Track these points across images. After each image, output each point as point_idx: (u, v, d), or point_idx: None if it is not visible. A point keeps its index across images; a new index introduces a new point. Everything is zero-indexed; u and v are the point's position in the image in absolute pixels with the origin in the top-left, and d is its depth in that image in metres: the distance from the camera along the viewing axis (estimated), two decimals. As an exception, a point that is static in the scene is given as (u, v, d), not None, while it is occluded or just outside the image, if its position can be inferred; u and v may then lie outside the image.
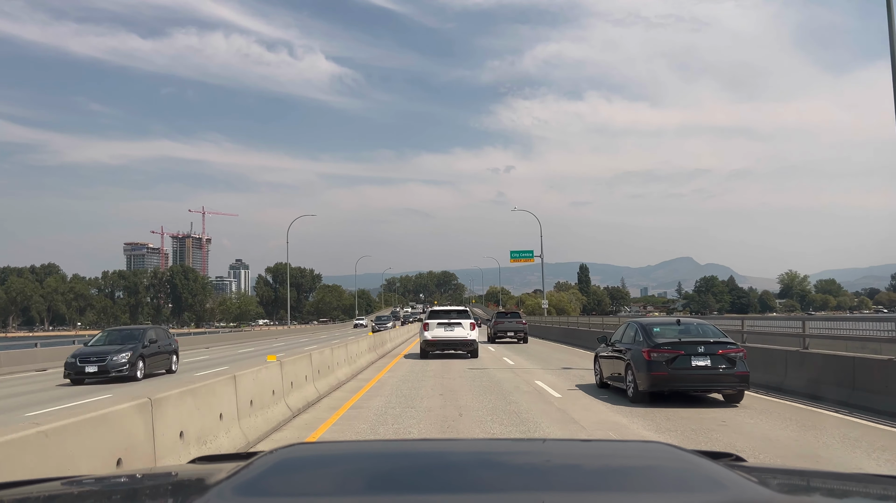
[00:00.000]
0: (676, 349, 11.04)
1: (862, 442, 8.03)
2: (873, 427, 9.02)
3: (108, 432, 4.60)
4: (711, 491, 1.62)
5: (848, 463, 6.97)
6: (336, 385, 14.00)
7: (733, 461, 2.08)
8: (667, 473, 1.80)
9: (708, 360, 10.96)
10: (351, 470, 1.82)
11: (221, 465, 1.97)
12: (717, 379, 10.98)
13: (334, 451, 2.16)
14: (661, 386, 11.08)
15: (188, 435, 6.06)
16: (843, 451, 7.55)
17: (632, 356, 11.68)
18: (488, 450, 2.31)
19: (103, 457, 4.46)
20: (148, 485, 2.03)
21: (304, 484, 1.73)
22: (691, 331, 11.94)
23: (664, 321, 13.11)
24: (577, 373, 16.47)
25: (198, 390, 6.54)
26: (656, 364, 11.03)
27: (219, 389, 7.17)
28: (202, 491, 1.66)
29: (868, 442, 8.02)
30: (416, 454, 2.10)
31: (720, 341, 11.28)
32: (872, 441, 8.08)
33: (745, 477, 1.73)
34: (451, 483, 1.71)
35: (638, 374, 11.31)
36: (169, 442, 5.62)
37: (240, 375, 8.07)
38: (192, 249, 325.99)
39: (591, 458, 2.03)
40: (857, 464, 6.93)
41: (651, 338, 11.47)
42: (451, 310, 23.52)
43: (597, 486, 1.71)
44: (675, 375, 10.92)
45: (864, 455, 7.34)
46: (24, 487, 1.85)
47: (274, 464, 1.79)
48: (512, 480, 1.77)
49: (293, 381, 10.70)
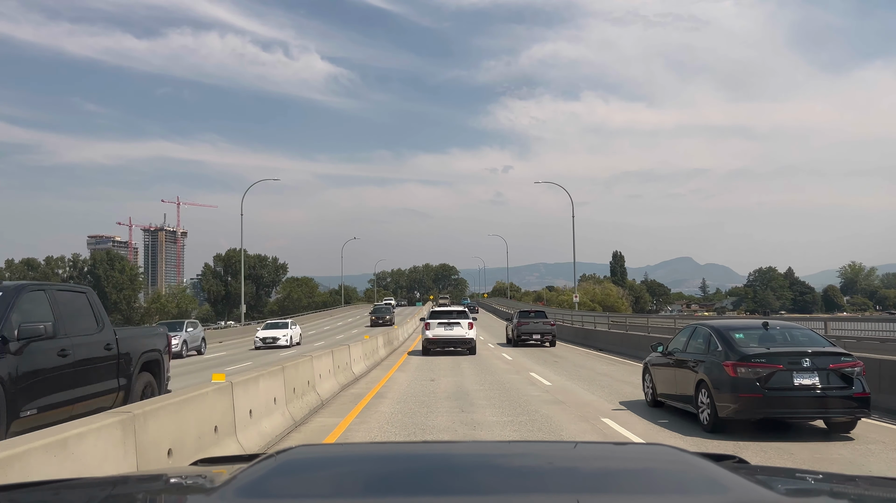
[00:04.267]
0: (773, 362, 9.34)
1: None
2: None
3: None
4: (715, 493, 1.79)
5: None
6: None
7: (736, 463, 2.27)
8: (670, 476, 1.98)
9: (816, 378, 9.25)
10: (355, 472, 2.02)
11: (225, 467, 2.22)
12: (829, 403, 9.26)
13: (338, 453, 2.46)
14: (752, 412, 9.39)
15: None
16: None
17: (707, 370, 10.02)
18: (492, 452, 2.55)
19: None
20: (151, 486, 2.20)
21: (307, 486, 1.91)
22: (786, 337, 10.27)
23: (745, 324, 11.39)
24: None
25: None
26: (746, 383, 9.34)
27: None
28: (205, 492, 1.93)
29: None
30: (419, 456, 2.33)
31: (829, 352, 9.58)
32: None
33: (748, 479, 1.92)
34: (454, 486, 1.87)
35: (718, 396, 9.63)
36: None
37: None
38: (166, 244, 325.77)
39: (594, 461, 2.24)
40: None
41: (735, 348, 9.78)
42: (452, 311, 27.61)
43: (599, 489, 1.87)
44: (772, 398, 9.21)
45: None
46: (30, 489, 2.05)
47: (277, 466, 1.99)
48: (515, 483, 1.93)
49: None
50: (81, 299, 8.64)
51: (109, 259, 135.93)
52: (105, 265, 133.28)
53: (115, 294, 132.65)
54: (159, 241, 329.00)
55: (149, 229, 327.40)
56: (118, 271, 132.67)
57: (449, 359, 24.23)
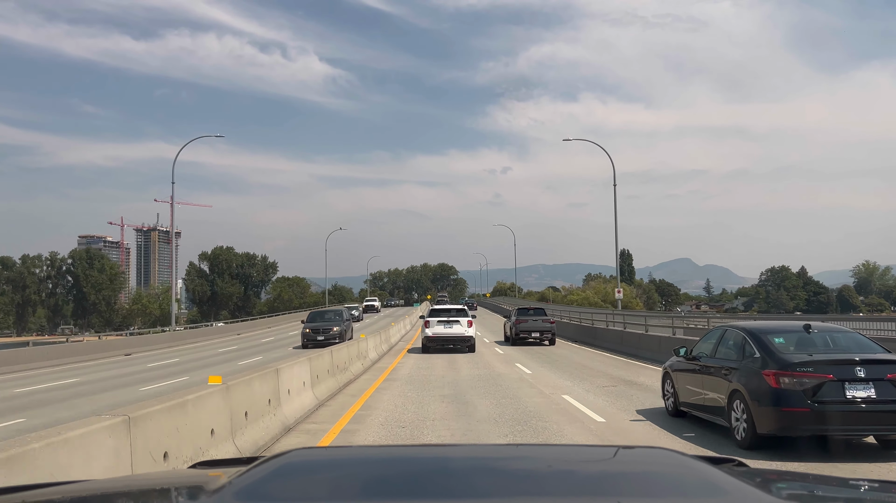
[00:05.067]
0: (821, 372, 8.33)
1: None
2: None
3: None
4: (714, 496, 1.80)
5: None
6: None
7: (735, 466, 2.29)
8: (668, 478, 2.01)
9: (872, 390, 8.23)
10: (353, 475, 2.05)
11: (222, 471, 2.22)
12: (887, 418, 8.25)
13: (337, 457, 2.44)
14: (796, 428, 8.38)
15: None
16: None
17: (743, 380, 9.03)
18: (490, 455, 2.60)
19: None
20: (147, 490, 2.22)
21: (304, 489, 1.94)
22: (830, 342, 9.29)
23: (782, 327, 10.39)
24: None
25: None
26: (791, 395, 8.32)
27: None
28: (202, 496, 1.88)
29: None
30: (417, 460, 2.37)
31: (885, 359, 8.57)
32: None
33: (747, 482, 1.95)
34: (452, 489, 1.90)
35: (757, 409, 8.63)
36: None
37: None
38: (160, 244, 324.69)
39: (593, 464, 2.27)
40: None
41: (776, 354, 8.78)
42: (451, 309, 28.28)
43: (597, 492, 1.90)
44: (821, 413, 8.18)
45: None
46: (25, 492, 2.04)
47: (274, 469, 2.01)
48: (513, 486, 1.95)
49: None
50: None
51: (89, 258, 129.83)
52: (84, 264, 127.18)
53: (93, 294, 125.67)
54: (152, 241, 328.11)
55: (141, 229, 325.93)
56: (97, 270, 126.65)
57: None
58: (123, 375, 22.83)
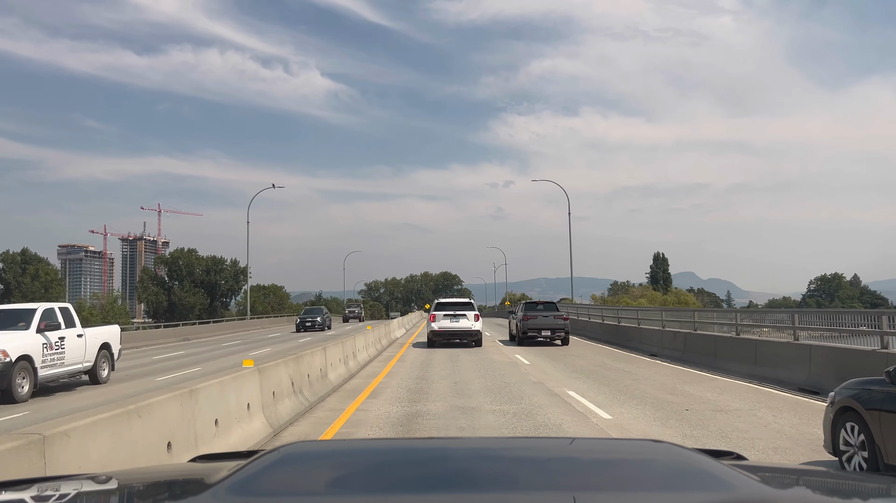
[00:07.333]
0: None
1: None
2: None
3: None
4: (713, 489, 1.89)
5: None
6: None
7: (735, 459, 2.43)
8: (669, 471, 2.10)
9: None
10: (353, 468, 2.18)
11: (222, 464, 2.32)
12: None
13: (337, 449, 2.68)
14: None
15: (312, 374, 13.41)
16: None
17: None
18: (490, 447, 2.73)
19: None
20: (147, 483, 2.30)
21: (304, 482, 2.04)
22: None
23: None
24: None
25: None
26: None
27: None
28: (202, 489, 1.97)
29: None
30: (417, 452, 2.51)
31: None
32: None
33: (747, 475, 2.02)
34: (451, 481, 2.02)
35: None
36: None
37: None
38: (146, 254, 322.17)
39: (593, 457, 2.39)
40: None
41: None
42: (457, 303, 29.07)
43: (597, 484, 1.99)
44: None
45: None
46: (22, 486, 2.13)
47: (274, 462, 2.10)
48: (512, 478, 2.05)
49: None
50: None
51: (23, 262, 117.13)
52: (17, 269, 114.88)
53: (24, 300, 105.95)
54: (138, 250, 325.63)
55: (127, 238, 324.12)
56: (31, 277, 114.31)
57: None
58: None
